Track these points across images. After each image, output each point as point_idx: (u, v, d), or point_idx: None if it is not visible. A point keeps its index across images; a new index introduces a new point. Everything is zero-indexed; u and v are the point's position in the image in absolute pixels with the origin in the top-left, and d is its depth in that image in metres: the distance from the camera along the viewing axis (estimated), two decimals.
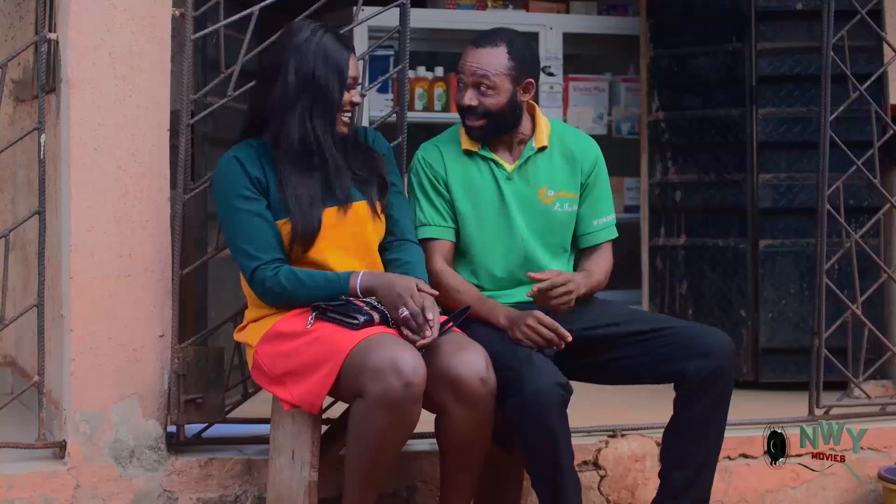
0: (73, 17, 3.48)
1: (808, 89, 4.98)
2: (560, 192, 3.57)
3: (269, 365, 3.25)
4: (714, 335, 3.42)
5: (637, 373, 3.47)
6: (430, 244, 3.52)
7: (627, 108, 5.91)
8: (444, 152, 3.56)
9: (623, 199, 5.90)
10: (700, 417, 3.40)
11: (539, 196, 3.55)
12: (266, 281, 3.24)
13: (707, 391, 3.37)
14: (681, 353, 3.38)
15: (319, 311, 3.21)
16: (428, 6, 5.92)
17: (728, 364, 3.39)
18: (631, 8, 5.90)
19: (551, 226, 3.57)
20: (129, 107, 3.52)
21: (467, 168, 3.56)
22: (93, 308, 3.50)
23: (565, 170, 3.59)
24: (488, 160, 3.56)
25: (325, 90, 3.29)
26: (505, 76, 3.48)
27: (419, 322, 3.14)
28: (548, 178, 3.57)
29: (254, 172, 3.30)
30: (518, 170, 3.55)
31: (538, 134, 3.57)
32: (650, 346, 3.42)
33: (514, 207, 3.54)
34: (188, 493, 3.60)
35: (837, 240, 4.48)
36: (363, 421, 3.06)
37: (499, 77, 3.47)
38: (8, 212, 4.85)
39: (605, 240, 3.66)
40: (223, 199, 3.31)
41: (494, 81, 3.47)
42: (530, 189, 3.55)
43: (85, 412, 3.52)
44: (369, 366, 3.03)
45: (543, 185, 3.56)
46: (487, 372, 3.14)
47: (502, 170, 3.55)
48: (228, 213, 3.30)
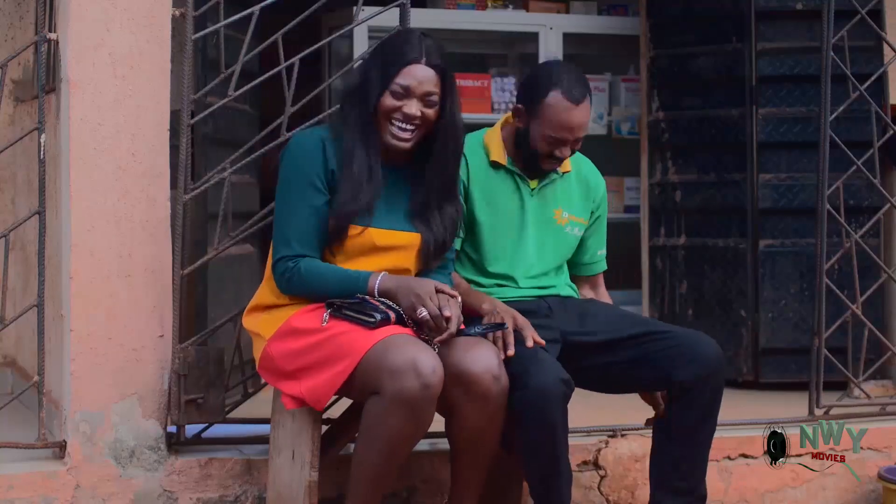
0: (73, 17, 3.48)
1: (808, 89, 4.98)
2: (573, 216, 3.65)
3: (281, 361, 3.23)
4: (704, 342, 3.44)
5: (627, 378, 3.49)
6: None
7: (627, 108, 5.91)
8: (469, 161, 3.55)
9: (623, 199, 5.90)
10: (689, 423, 3.44)
11: (555, 216, 3.62)
12: (286, 272, 3.23)
13: (697, 398, 3.41)
14: (671, 359, 3.41)
15: (335, 308, 3.19)
16: (428, 6, 5.92)
17: (717, 371, 3.42)
18: (631, 8, 5.90)
19: (559, 245, 3.64)
20: (129, 107, 3.52)
21: (491, 178, 3.58)
22: (93, 308, 3.50)
23: (580, 196, 3.67)
24: (514, 174, 3.59)
25: (366, 86, 3.24)
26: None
27: (438, 324, 3.12)
28: (564, 201, 3.64)
29: (332, 162, 3.25)
30: (539, 189, 3.60)
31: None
32: (641, 352, 3.46)
33: (531, 222, 3.59)
34: (188, 493, 3.60)
35: (837, 240, 4.48)
36: (378, 420, 3.06)
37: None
38: (8, 212, 4.85)
39: (603, 269, 3.79)
40: (288, 178, 3.24)
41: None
42: (547, 209, 3.62)
43: (85, 412, 3.52)
44: (388, 365, 3.02)
45: (560, 207, 3.63)
46: (500, 369, 3.15)
47: (527, 185, 3.59)
48: (288, 194, 3.24)
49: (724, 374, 3.45)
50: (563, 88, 3.45)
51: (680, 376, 3.38)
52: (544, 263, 3.62)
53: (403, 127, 3.23)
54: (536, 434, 3.24)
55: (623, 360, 3.47)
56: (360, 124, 3.25)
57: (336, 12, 5.31)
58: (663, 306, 5.32)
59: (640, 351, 3.45)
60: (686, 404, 3.41)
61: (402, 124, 3.23)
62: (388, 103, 3.22)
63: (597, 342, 3.48)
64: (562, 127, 3.46)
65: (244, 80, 3.67)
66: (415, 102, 3.22)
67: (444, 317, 3.12)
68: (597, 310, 3.61)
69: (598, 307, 3.64)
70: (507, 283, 3.57)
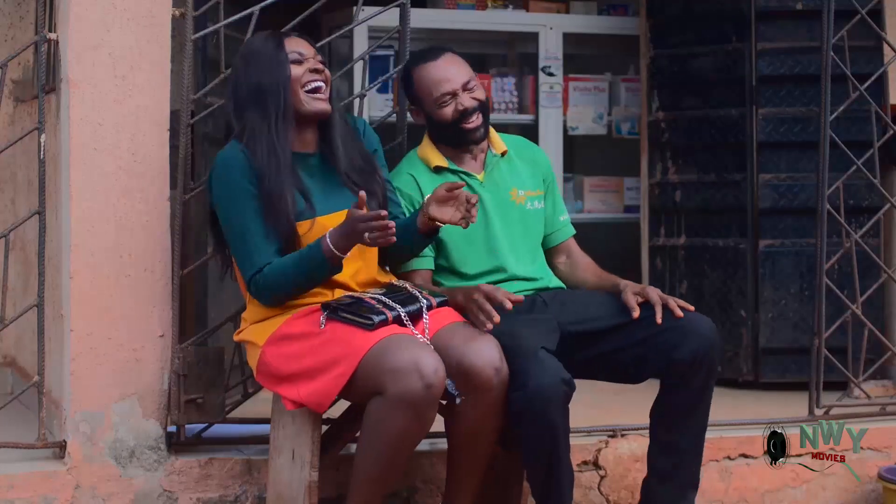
0: (73, 17, 3.48)
1: (808, 89, 4.97)
2: (528, 191, 3.69)
3: (277, 365, 3.23)
4: (699, 320, 3.44)
5: (624, 362, 3.48)
6: (412, 275, 3.54)
7: (627, 108, 5.91)
8: (415, 176, 3.61)
9: (623, 199, 5.90)
10: (685, 403, 3.44)
11: (512, 197, 3.65)
12: (257, 286, 3.25)
13: (693, 376, 3.40)
14: (667, 338, 3.40)
15: (330, 311, 3.19)
16: (428, 6, 5.91)
17: (713, 346, 3.41)
18: (631, 8, 5.89)
19: (526, 225, 3.66)
20: (129, 107, 3.52)
21: (438, 183, 3.57)
22: (93, 308, 3.50)
23: (528, 171, 3.72)
24: (458, 173, 3.63)
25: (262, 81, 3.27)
26: (474, 74, 3.65)
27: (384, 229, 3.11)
28: (515, 180, 3.68)
29: (256, 165, 3.26)
30: (487, 176, 3.64)
31: (494, 142, 3.70)
32: (636, 334, 3.45)
33: (493, 212, 3.62)
34: (188, 493, 3.60)
35: (837, 240, 4.48)
36: (380, 420, 3.06)
37: (472, 74, 3.63)
38: (8, 212, 4.85)
39: (572, 234, 3.81)
40: (227, 195, 3.27)
41: (474, 79, 3.61)
42: (502, 194, 3.64)
43: (85, 412, 3.52)
44: (390, 366, 3.02)
45: (513, 187, 3.66)
46: (501, 362, 3.17)
47: (474, 179, 3.63)
48: (232, 210, 3.26)
49: (719, 352, 3.45)
50: (418, 62, 3.62)
51: (678, 355, 3.37)
52: (518, 249, 3.62)
53: (316, 81, 3.30)
54: (537, 435, 3.24)
55: (626, 345, 3.46)
56: (266, 126, 3.26)
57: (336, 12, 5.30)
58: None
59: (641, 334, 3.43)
60: (682, 383, 3.40)
61: (314, 81, 3.31)
62: (297, 71, 3.29)
63: (597, 329, 3.47)
64: (438, 83, 3.57)
65: None
66: (312, 62, 3.32)
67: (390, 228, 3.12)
68: (590, 299, 3.60)
69: (592, 296, 3.62)
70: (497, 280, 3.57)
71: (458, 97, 3.56)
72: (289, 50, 3.30)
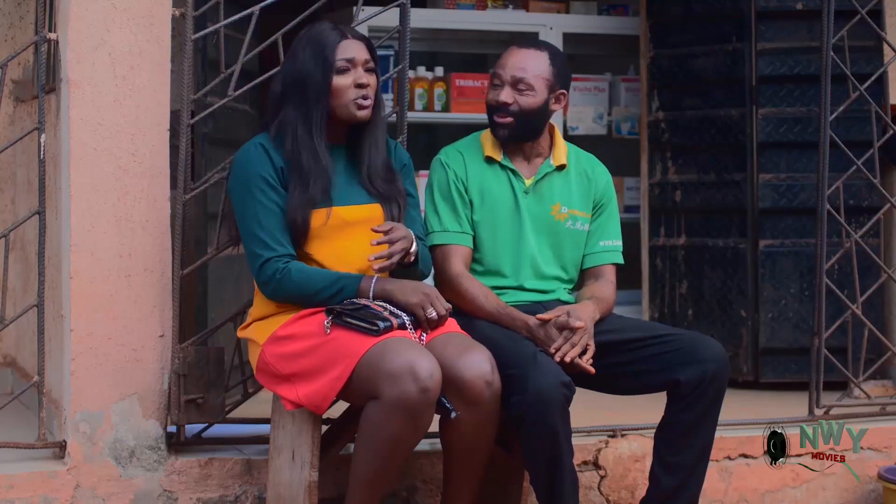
0: (73, 17, 3.48)
1: (808, 89, 4.98)
2: (573, 210, 3.63)
3: (277, 365, 3.24)
4: (708, 343, 3.44)
5: (631, 380, 3.49)
6: (449, 248, 3.54)
7: (627, 108, 5.91)
8: (466, 157, 3.61)
9: (623, 199, 5.90)
10: (690, 424, 3.43)
11: (552, 212, 3.61)
12: (276, 273, 3.22)
13: (699, 398, 3.39)
14: (675, 360, 3.40)
15: (335, 315, 3.18)
16: (428, 6, 5.91)
17: (721, 371, 3.40)
18: (631, 8, 5.90)
19: (561, 242, 3.62)
20: (129, 107, 3.52)
21: (486, 175, 3.59)
22: (93, 308, 3.50)
23: (580, 190, 3.65)
24: (507, 169, 3.60)
25: (306, 78, 3.28)
26: (543, 80, 3.55)
27: (441, 323, 3.20)
28: (563, 195, 3.62)
29: (278, 161, 3.27)
30: (535, 185, 3.60)
31: (556, 152, 3.64)
32: (645, 354, 3.45)
33: (528, 221, 3.59)
34: (188, 493, 3.60)
35: (837, 240, 4.48)
36: (376, 424, 3.06)
37: (537, 80, 3.54)
38: (8, 212, 4.85)
39: (608, 262, 3.67)
40: (243, 184, 3.27)
41: (533, 83, 3.54)
42: (544, 205, 3.61)
43: (85, 412, 3.52)
44: (386, 369, 3.02)
45: (557, 202, 3.62)
46: (493, 374, 3.15)
47: (521, 182, 3.60)
48: (247, 199, 3.26)
49: (727, 376, 3.43)
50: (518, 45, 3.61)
51: (683, 376, 3.37)
52: (547, 261, 3.60)
53: (359, 98, 3.30)
54: (537, 438, 3.23)
55: (626, 362, 3.46)
56: (301, 116, 3.27)
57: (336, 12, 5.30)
58: (663, 306, 5.32)
59: (644, 353, 3.45)
60: (686, 406, 3.40)
61: (361, 92, 3.30)
62: (341, 82, 3.28)
63: (600, 343, 3.45)
64: (502, 64, 3.56)
65: (244, 80, 3.67)
66: (360, 71, 3.31)
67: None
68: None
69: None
70: (509, 286, 3.56)
71: (503, 89, 3.55)
72: (338, 57, 3.28)
